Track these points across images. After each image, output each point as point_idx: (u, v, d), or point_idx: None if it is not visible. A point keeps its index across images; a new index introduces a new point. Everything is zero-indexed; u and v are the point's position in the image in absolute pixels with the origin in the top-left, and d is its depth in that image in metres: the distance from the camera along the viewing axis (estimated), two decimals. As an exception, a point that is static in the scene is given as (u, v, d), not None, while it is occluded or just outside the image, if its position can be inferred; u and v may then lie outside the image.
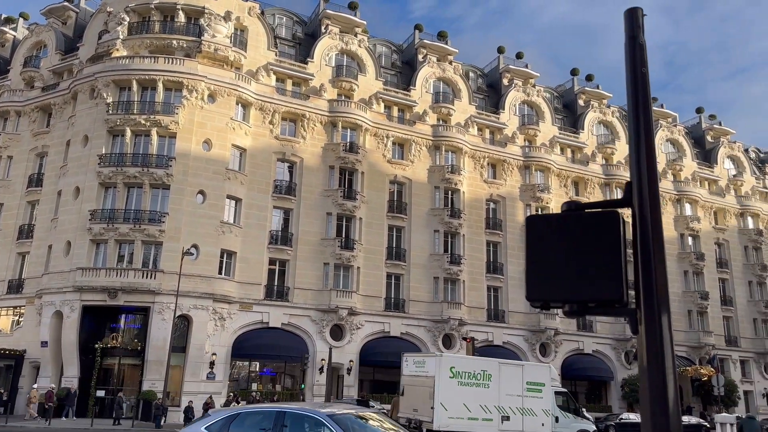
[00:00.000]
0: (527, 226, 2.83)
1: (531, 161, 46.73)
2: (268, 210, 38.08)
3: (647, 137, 2.79)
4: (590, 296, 2.63)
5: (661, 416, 2.43)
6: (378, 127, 42.21)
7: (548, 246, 2.74)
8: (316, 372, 36.38)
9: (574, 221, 2.75)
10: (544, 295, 2.72)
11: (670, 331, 2.55)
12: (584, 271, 2.64)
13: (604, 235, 2.66)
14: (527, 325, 43.22)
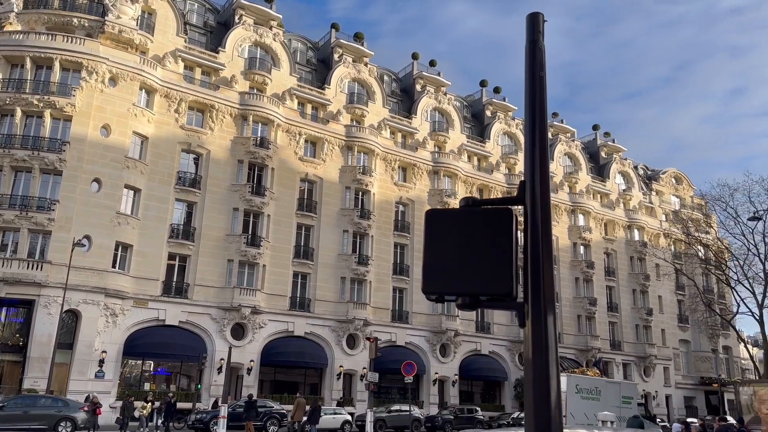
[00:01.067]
0: (426, 219, 2.85)
1: (440, 167, 47.88)
2: (170, 202, 36.57)
3: (541, 139, 2.89)
4: (482, 290, 2.68)
5: (544, 404, 2.53)
6: (290, 123, 41.69)
7: (445, 240, 2.78)
8: (215, 372, 35.32)
9: (470, 217, 2.80)
10: (439, 288, 2.75)
11: (555, 324, 2.66)
12: (477, 265, 2.69)
13: (497, 232, 2.73)
14: (429, 326, 44.20)
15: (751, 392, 22.03)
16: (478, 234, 2.74)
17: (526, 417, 2.60)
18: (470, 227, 2.77)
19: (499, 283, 2.66)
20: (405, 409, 34.82)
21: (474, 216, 2.80)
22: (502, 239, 2.71)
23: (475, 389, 47.57)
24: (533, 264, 2.71)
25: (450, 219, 2.85)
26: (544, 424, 2.49)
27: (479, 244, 2.72)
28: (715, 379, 57.41)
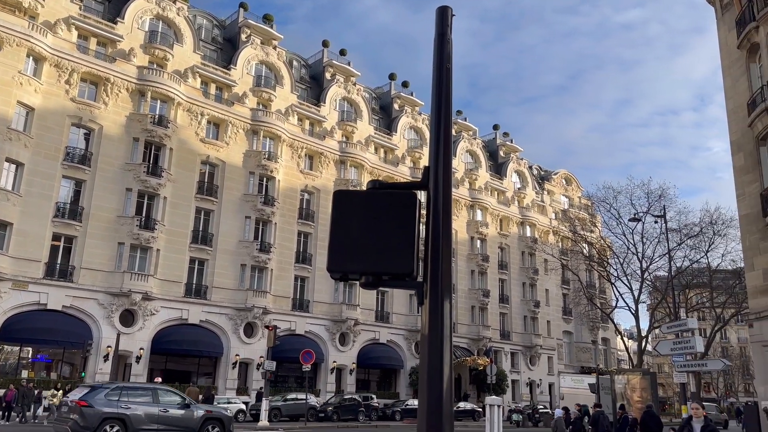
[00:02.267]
0: (334, 200, 2.93)
1: (347, 157, 47.96)
2: (57, 179, 34.15)
3: (446, 128, 3.04)
4: (384, 269, 2.80)
5: (437, 377, 2.67)
6: (192, 102, 40.12)
7: (351, 220, 2.86)
8: (100, 360, 33.53)
9: (376, 199, 2.91)
10: (343, 267, 2.83)
11: (450, 304, 2.81)
12: (381, 245, 2.80)
13: (401, 214, 2.85)
14: (330, 315, 44.32)
15: (625, 381, 23.98)
16: (382, 216, 2.84)
17: (420, 388, 2.74)
18: (375, 209, 2.87)
19: (401, 263, 2.78)
20: (301, 397, 34.78)
21: (380, 198, 2.90)
22: (405, 221, 2.83)
23: (372, 377, 48.33)
24: (433, 246, 2.85)
25: (356, 200, 2.93)
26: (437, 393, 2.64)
27: (384, 225, 2.82)
28: (594, 368, 61.88)
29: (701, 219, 44.56)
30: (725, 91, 26.24)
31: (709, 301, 49.48)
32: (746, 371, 77.59)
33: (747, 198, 24.40)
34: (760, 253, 23.43)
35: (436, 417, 2.63)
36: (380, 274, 2.80)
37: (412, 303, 50.26)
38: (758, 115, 23.27)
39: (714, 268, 47.07)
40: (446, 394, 2.66)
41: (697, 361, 20.61)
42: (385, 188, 2.97)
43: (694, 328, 18.35)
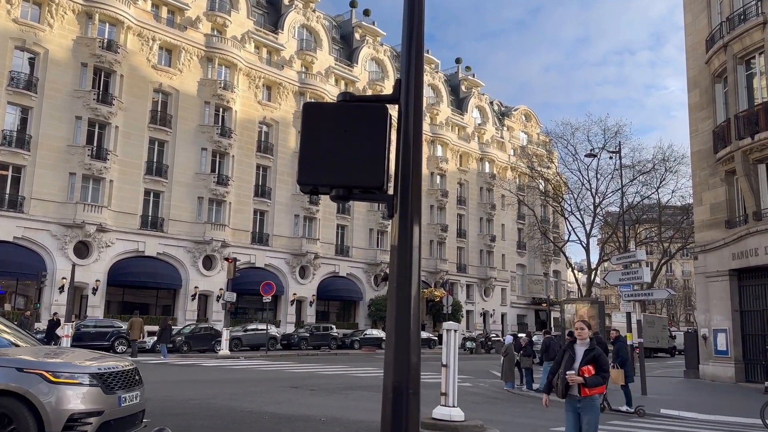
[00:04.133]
0: (303, 112, 2.87)
1: (307, 88, 46.83)
2: (1, 106, 32.44)
3: (418, 40, 2.96)
4: (355, 182, 2.78)
5: (406, 286, 2.72)
6: (142, 26, 38.15)
7: (321, 133, 2.82)
8: (56, 291, 33.05)
9: (346, 111, 2.85)
10: (314, 179, 2.81)
11: (419, 217, 2.83)
12: (351, 158, 2.77)
13: (372, 127, 2.82)
14: (290, 248, 44.44)
15: (574, 310, 25.14)
16: (354, 128, 2.80)
17: (389, 297, 2.79)
18: (347, 122, 2.82)
19: (372, 176, 2.76)
20: (261, 328, 35.26)
21: (351, 111, 2.86)
22: (376, 134, 2.80)
23: (331, 309, 49.22)
24: (404, 159, 2.84)
25: (327, 113, 2.88)
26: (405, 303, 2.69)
27: (354, 138, 2.79)
28: (544, 299, 64.43)
29: (654, 156, 45.91)
30: (685, 27, 26.45)
31: (657, 235, 51.57)
32: (688, 302, 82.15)
33: (700, 135, 25.10)
34: (709, 189, 24.37)
35: (405, 320, 2.70)
36: (351, 187, 2.79)
37: (372, 237, 50.76)
38: (716, 52, 23.64)
39: (664, 204, 48.85)
40: (414, 300, 2.72)
41: (644, 291, 21.67)
42: (356, 101, 2.91)
43: (642, 259, 19.14)
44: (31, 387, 6.06)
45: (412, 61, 2.94)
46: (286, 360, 28.30)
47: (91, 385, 6.33)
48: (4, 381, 6.04)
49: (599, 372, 6.25)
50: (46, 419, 5.98)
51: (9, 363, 6.26)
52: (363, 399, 14.33)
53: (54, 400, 6.06)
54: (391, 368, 2.68)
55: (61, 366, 6.45)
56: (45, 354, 7.10)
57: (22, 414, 5.97)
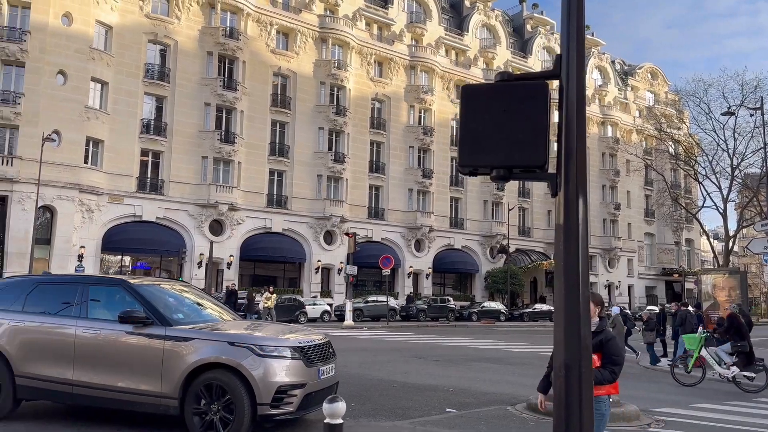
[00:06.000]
0: (462, 95, 2.89)
1: (417, 61, 46.72)
2: (139, 96, 35.35)
3: (578, 10, 2.87)
4: (516, 162, 2.77)
5: (574, 264, 2.70)
6: (261, 12, 39.75)
7: (480, 115, 2.82)
8: (195, 266, 35.89)
9: (505, 91, 2.83)
10: (474, 161, 2.82)
11: (585, 195, 2.77)
12: (512, 138, 2.76)
13: (532, 105, 2.78)
14: (405, 222, 45.06)
15: (711, 281, 23.39)
16: (513, 107, 2.78)
17: (556, 277, 2.78)
18: (505, 101, 2.81)
19: (533, 155, 2.74)
20: (381, 299, 36.26)
21: (509, 90, 2.83)
22: (536, 112, 2.76)
23: (447, 281, 49.47)
24: (567, 136, 2.78)
25: (485, 94, 2.88)
26: (573, 280, 2.68)
27: (514, 117, 2.77)
28: (676, 269, 60.51)
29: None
30: None
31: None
32: (843, 272, 73.70)
33: None
34: None
35: (574, 298, 2.69)
36: (511, 167, 2.78)
37: (486, 209, 50.14)
38: None
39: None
40: (582, 279, 2.69)
41: (794, 260, 19.71)
42: (514, 79, 2.89)
43: (792, 226, 17.40)
44: (243, 360, 6.32)
45: (572, 36, 2.85)
46: (407, 331, 28.92)
47: (294, 358, 6.54)
48: (217, 354, 6.38)
49: (606, 364, 4.59)
50: (257, 391, 6.24)
51: (221, 337, 6.64)
52: (488, 371, 14.38)
53: (262, 372, 6.30)
54: (562, 346, 2.68)
55: (266, 340, 6.67)
56: (250, 328, 7.41)
57: (236, 385, 6.26)
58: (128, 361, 6.64)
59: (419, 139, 46.31)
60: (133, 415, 7.19)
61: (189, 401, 6.34)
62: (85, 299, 7.11)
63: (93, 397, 6.76)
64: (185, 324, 6.95)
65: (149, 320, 6.66)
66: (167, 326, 6.67)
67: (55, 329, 7.05)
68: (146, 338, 6.60)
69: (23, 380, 6.98)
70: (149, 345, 6.57)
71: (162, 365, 6.48)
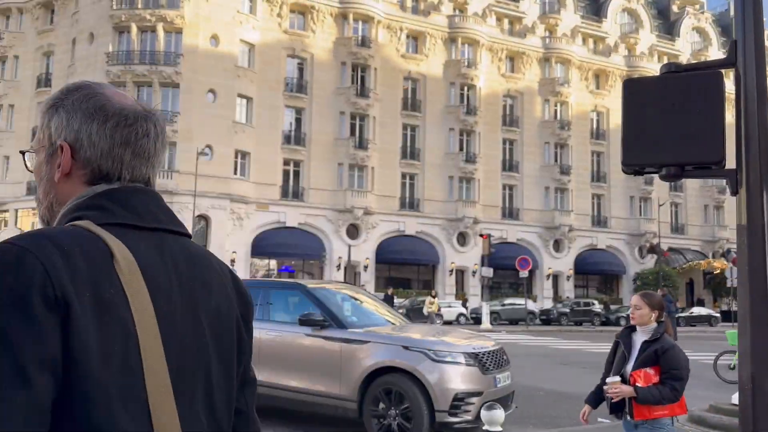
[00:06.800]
0: (624, 90, 2.71)
1: (551, 53, 45.11)
2: (280, 109, 37.54)
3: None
4: (689, 159, 2.56)
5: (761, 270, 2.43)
6: (391, 18, 40.55)
7: (645, 110, 2.64)
8: (334, 269, 37.34)
9: (673, 83, 2.63)
10: (640, 160, 2.65)
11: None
12: (682, 133, 2.55)
13: (705, 97, 2.56)
14: (542, 222, 43.65)
15: None
16: (682, 101, 2.57)
17: (740, 282, 2.52)
18: (674, 95, 2.60)
19: (709, 150, 2.52)
20: (519, 302, 35.38)
21: (677, 82, 2.63)
22: (711, 105, 2.54)
23: (590, 283, 47.14)
24: (747, 129, 2.51)
25: (650, 88, 2.71)
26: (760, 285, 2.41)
27: (684, 111, 2.56)
28: None
29: None
30: None
31: None
32: None
33: None
34: None
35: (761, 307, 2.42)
36: (683, 165, 2.56)
37: (633, 205, 47.14)
38: None
39: None
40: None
41: None
42: (683, 70, 2.66)
43: None
44: (418, 364, 6.12)
45: (749, 17, 2.57)
46: (548, 335, 27.92)
47: (468, 364, 6.28)
48: (393, 357, 6.29)
49: (666, 379, 3.76)
50: (434, 397, 5.99)
51: (395, 341, 6.55)
52: (641, 380, 13.44)
53: (438, 378, 6.07)
54: (748, 358, 2.43)
55: (440, 344, 6.51)
56: (422, 332, 7.33)
57: (413, 390, 6.05)
58: (308, 363, 6.80)
59: (555, 134, 44.67)
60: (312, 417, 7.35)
61: (367, 404, 6.31)
62: (267, 302, 7.36)
63: (276, 397, 6.93)
64: (359, 327, 7.01)
65: (326, 323, 6.76)
66: (343, 329, 6.75)
67: None
68: (324, 340, 6.72)
69: None
70: (328, 347, 6.69)
71: (341, 367, 6.56)
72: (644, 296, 4.01)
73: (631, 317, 4.02)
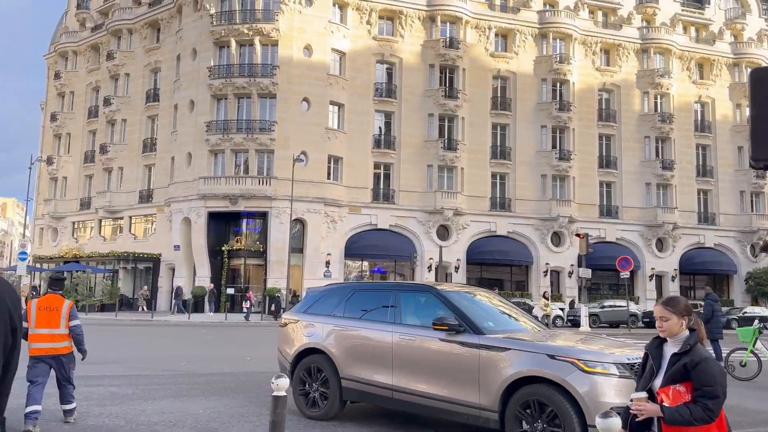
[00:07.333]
0: (752, 81, 2.54)
1: (649, 43, 42.90)
2: (370, 114, 38.09)
3: None
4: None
5: None
6: (479, 18, 40.11)
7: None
8: (425, 270, 37.38)
9: (808, 69, 2.43)
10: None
11: None
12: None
13: None
14: (643, 220, 41.58)
15: None
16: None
17: None
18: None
19: None
20: (619, 304, 33.85)
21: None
22: None
23: (698, 284, 44.29)
24: None
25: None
26: None
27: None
28: None
29: None
30: None
31: None
32: None
33: None
34: None
35: None
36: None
37: (743, 201, 43.90)
38: None
39: None
40: None
41: None
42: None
43: None
44: (567, 375, 5.59)
45: None
46: (652, 339, 26.41)
47: (623, 375, 5.58)
48: (538, 367, 5.78)
49: (698, 397, 3.21)
50: (586, 411, 5.41)
51: (539, 349, 6.01)
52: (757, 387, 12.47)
53: (590, 390, 5.48)
54: None
55: (590, 353, 5.85)
56: (568, 339, 6.70)
57: (563, 404, 5.54)
58: (443, 369, 6.47)
59: (656, 128, 42.41)
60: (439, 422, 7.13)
61: (510, 416, 5.88)
62: (398, 305, 7.16)
63: (412, 403, 6.69)
64: (496, 333, 6.55)
65: (461, 328, 6.42)
66: (480, 334, 6.34)
67: (374, 334, 7.14)
68: (460, 346, 6.35)
69: (348, 382, 7.19)
70: (464, 353, 6.31)
71: (479, 375, 6.17)
72: (668, 304, 3.49)
73: (659, 331, 3.49)
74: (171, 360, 13.82)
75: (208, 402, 8.58)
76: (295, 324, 8.03)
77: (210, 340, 19.88)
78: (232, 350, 16.43)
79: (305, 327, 7.84)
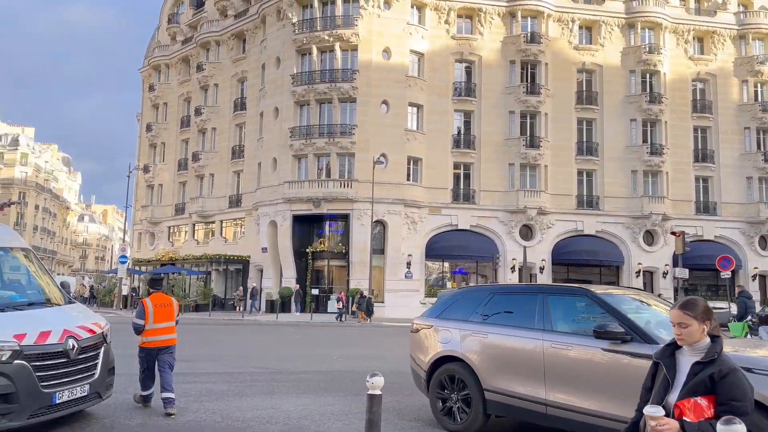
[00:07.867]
0: None
1: (747, 29, 40.13)
2: (449, 114, 37.83)
3: None
4: None
5: None
6: (561, 11, 38.94)
7: None
8: (508, 271, 36.67)
9: None
10: None
11: None
12: None
13: None
14: (744, 216, 38.91)
15: None
16: None
17: None
18: None
19: None
20: (720, 306, 31.75)
21: None
22: None
23: (808, 285, 40.94)
24: None
25: None
26: None
27: None
28: None
29: None
30: None
31: None
32: None
33: None
34: None
35: None
36: None
37: None
38: None
39: None
40: None
41: None
42: None
43: None
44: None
45: None
46: (758, 344, 24.68)
47: None
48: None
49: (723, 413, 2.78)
50: None
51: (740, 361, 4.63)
52: None
53: None
54: None
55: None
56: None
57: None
58: (610, 383, 5.67)
59: (757, 118, 39.59)
60: None
61: None
62: (547, 310, 6.48)
63: (571, 420, 5.95)
64: None
65: (628, 336, 5.64)
66: (653, 344, 5.39)
67: (520, 342, 6.50)
68: (631, 357, 5.54)
69: (492, 395, 6.60)
70: (635, 365, 5.41)
71: None
72: (685, 308, 3.10)
73: (677, 339, 3.12)
74: (262, 358, 14.29)
75: (298, 399, 8.80)
76: (428, 330, 7.53)
77: (297, 339, 20.41)
78: (319, 349, 16.77)
79: (440, 333, 7.33)
